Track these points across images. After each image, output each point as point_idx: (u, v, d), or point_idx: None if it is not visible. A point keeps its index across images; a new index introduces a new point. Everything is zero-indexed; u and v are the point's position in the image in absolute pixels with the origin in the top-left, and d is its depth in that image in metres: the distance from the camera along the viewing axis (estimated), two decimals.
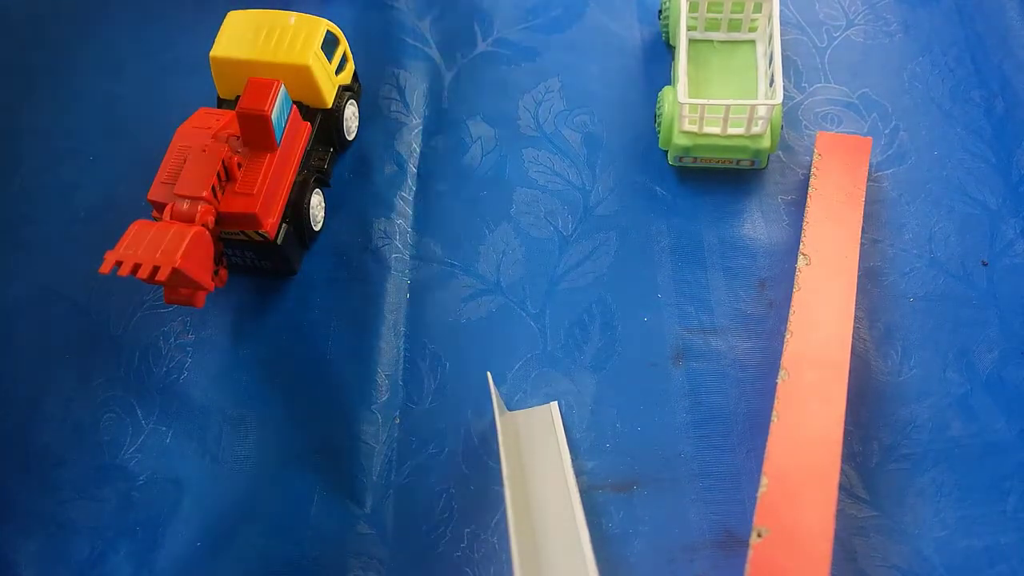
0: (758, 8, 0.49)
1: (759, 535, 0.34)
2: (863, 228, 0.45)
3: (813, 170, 0.45)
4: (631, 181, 0.49)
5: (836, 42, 0.53)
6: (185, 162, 0.41)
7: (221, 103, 0.49)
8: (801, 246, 0.42)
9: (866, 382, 0.42)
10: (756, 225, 0.47)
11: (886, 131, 0.49)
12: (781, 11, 0.54)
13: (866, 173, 0.45)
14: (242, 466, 0.42)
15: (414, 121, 0.52)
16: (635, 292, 0.46)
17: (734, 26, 0.50)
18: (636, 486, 0.40)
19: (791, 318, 0.40)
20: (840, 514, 0.39)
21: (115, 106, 0.54)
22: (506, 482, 0.35)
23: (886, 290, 0.44)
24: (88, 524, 0.41)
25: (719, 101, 0.45)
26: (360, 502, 0.41)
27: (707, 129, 0.46)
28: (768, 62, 0.48)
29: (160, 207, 0.41)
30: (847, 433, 0.40)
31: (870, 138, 0.47)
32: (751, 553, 0.34)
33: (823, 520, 0.34)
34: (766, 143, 0.46)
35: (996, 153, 0.48)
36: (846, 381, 0.38)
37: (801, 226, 0.44)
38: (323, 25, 0.47)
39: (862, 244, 0.45)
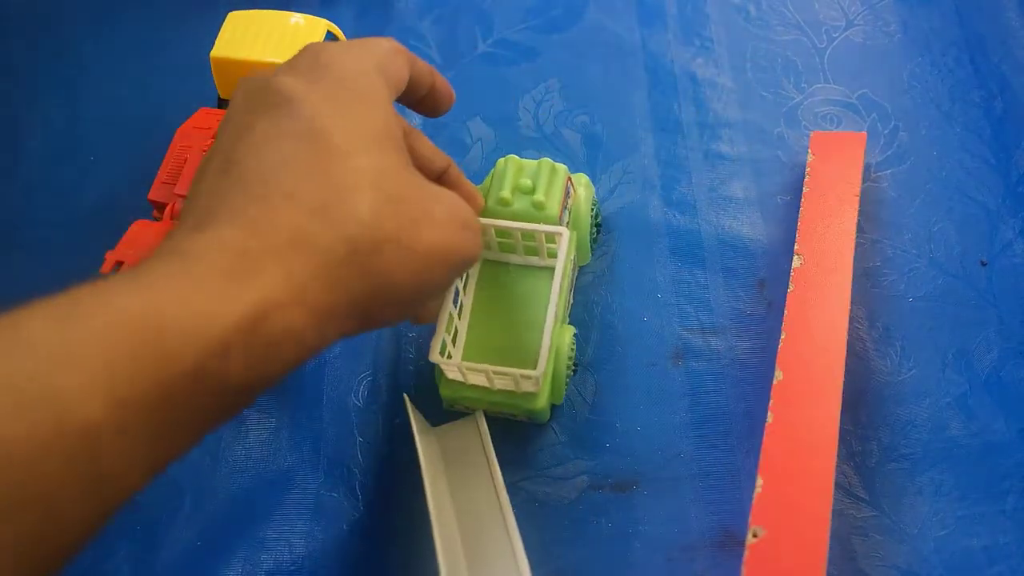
0: (552, 239, 0.41)
1: (755, 535, 0.34)
2: (862, 228, 0.45)
3: (807, 170, 0.45)
4: (630, 181, 0.49)
5: (836, 42, 0.53)
6: (186, 162, 0.41)
7: (221, 103, 0.49)
8: (796, 246, 0.42)
9: (865, 382, 0.42)
10: (755, 225, 0.47)
11: (885, 131, 0.49)
12: (781, 12, 0.54)
13: (861, 170, 0.45)
14: (242, 466, 0.42)
15: (414, 121, 0.52)
16: (635, 292, 0.46)
17: (531, 251, 0.42)
18: (636, 486, 0.41)
19: (785, 318, 0.40)
20: (839, 514, 0.39)
21: (115, 106, 0.54)
22: (430, 502, 0.35)
23: (885, 290, 0.44)
24: None
25: (477, 366, 0.37)
26: (360, 502, 0.41)
27: (473, 380, 0.39)
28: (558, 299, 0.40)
29: (161, 207, 0.41)
30: (846, 433, 0.41)
31: (864, 133, 0.47)
32: (747, 554, 0.34)
33: (819, 520, 0.34)
34: (540, 403, 0.39)
35: (995, 153, 0.48)
36: (841, 380, 0.38)
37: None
38: (323, 25, 0.47)
39: (861, 244, 0.45)
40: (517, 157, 0.43)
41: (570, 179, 0.43)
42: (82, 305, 0.22)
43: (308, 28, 0.47)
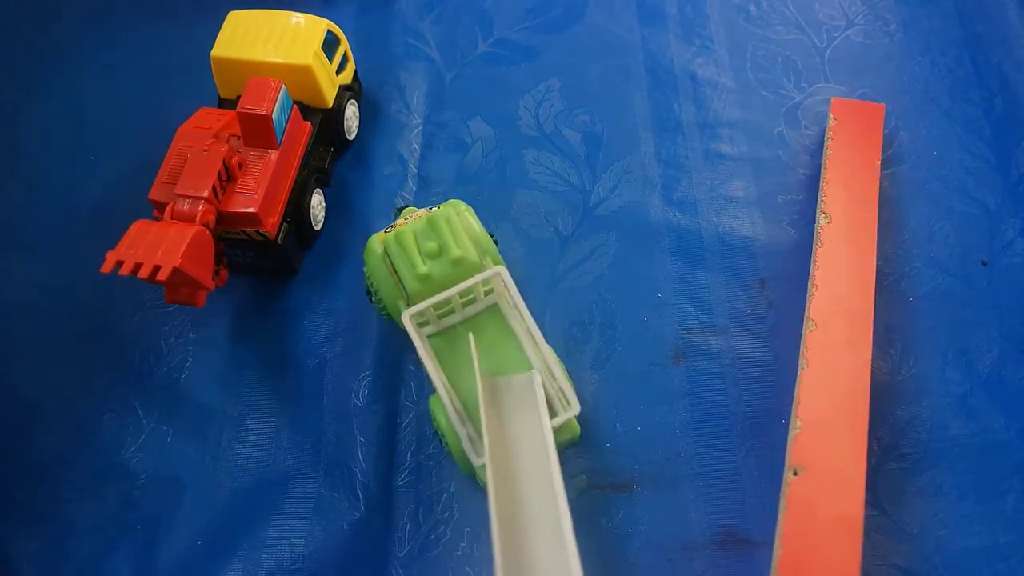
0: (489, 283, 0.40)
1: (795, 473, 0.35)
2: None
3: (828, 133, 0.46)
4: (631, 181, 0.49)
5: (836, 42, 0.53)
6: (186, 162, 0.41)
7: (222, 103, 0.49)
8: (822, 205, 0.43)
9: None
10: (756, 225, 0.47)
11: (885, 131, 0.49)
12: (781, 11, 0.54)
13: (880, 137, 0.46)
14: (242, 466, 0.42)
15: (414, 121, 0.52)
16: (635, 292, 0.46)
17: (469, 302, 0.41)
18: (636, 485, 0.41)
19: (815, 272, 0.41)
20: None
21: (115, 106, 0.54)
22: (487, 440, 0.34)
23: (886, 290, 0.44)
24: (89, 523, 0.41)
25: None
26: (360, 502, 0.41)
27: None
28: (528, 331, 0.39)
29: (161, 207, 0.41)
30: None
31: (883, 104, 0.47)
32: (788, 490, 0.35)
33: (855, 456, 0.36)
34: (576, 427, 0.39)
35: (995, 153, 0.48)
36: (871, 329, 0.40)
37: (804, 223, 0.44)
38: (324, 25, 0.47)
39: None
40: (401, 226, 0.41)
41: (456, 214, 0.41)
42: None
43: (308, 28, 0.47)
